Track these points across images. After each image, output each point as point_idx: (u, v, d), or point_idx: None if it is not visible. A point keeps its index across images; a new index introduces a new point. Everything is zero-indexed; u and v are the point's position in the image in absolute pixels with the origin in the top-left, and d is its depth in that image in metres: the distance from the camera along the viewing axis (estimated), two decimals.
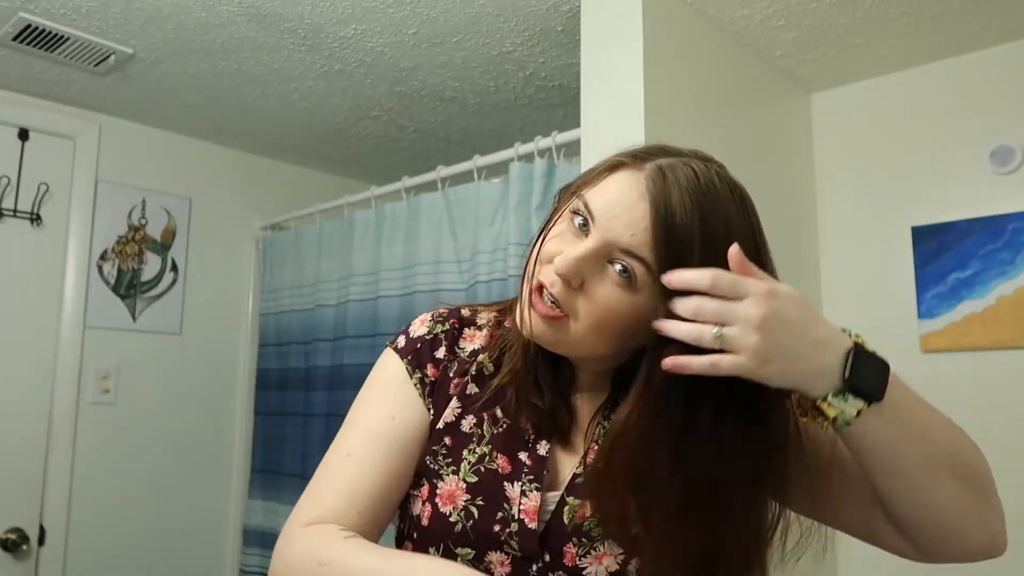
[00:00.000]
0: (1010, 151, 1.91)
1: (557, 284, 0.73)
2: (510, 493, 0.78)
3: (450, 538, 0.78)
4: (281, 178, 3.02)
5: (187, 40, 2.05)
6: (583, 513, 0.76)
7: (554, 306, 0.73)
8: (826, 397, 0.66)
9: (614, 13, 1.73)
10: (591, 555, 0.75)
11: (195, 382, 2.72)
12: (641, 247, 0.69)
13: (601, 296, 0.71)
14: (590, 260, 0.71)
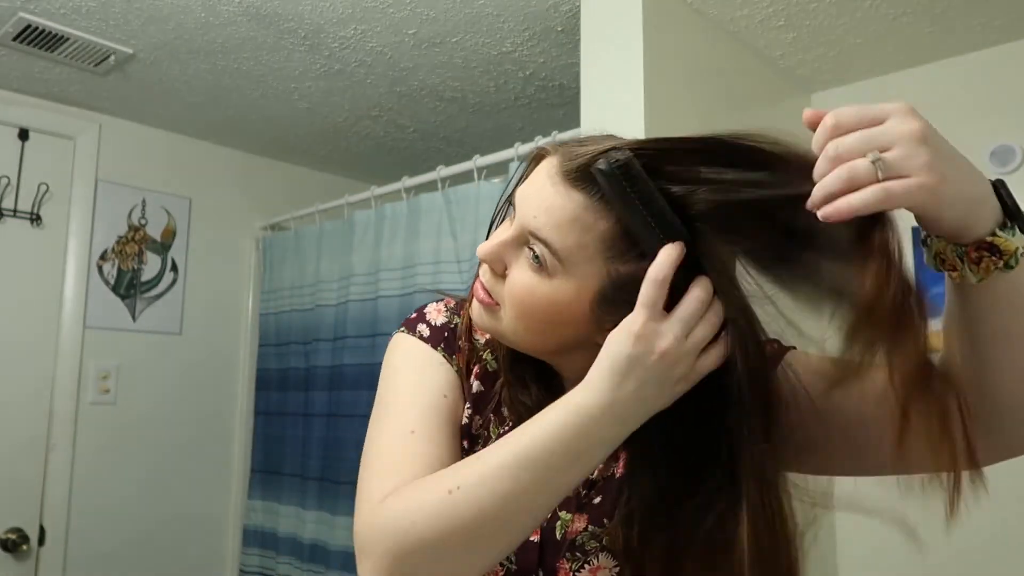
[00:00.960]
0: (1010, 151, 1.91)
1: (486, 271, 0.72)
2: None
3: None
4: (281, 178, 3.02)
5: (187, 40, 2.05)
6: (576, 528, 0.75)
7: (487, 294, 0.72)
8: (994, 231, 0.57)
9: (614, 13, 1.73)
10: (585, 569, 0.74)
11: (195, 382, 2.72)
12: (543, 228, 0.66)
13: (516, 280, 0.69)
14: (508, 245, 0.70)
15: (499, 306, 0.72)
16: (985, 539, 1.86)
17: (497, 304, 0.72)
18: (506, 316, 0.71)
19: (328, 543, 2.37)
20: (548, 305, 0.68)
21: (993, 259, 0.58)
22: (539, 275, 0.68)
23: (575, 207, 0.65)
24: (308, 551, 2.44)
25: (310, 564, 2.42)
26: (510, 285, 0.70)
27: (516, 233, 0.69)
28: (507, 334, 0.73)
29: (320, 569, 2.38)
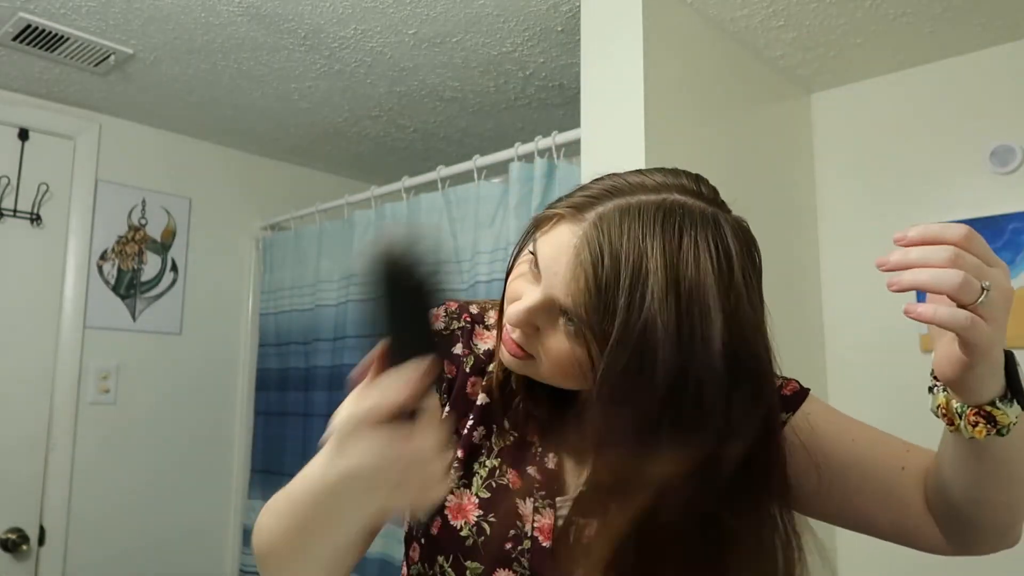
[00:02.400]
0: (1010, 151, 1.91)
1: (516, 331, 0.72)
2: (522, 510, 0.77)
3: (460, 551, 0.77)
4: (281, 178, 3.02)
5: (187, 40, 2.05)
6: (591, 535, 0.74)
7: (519, 348, 0.73)
8: (994, 402, 0.63)
9: (614, 13, 1.73)
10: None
11: (195, 382, 2.72)
12: (577, 308, 0.66)
13: (554, 346, 0.70)
14: (537, 312, 0.70)
15: (532, 358, 0.72)
16: None
17: (531, 357, 0.72)
18: (543, 368, 0.72)
19: None
20: (587, 360, 0.67)
21: (988, 426, 0.64)
22: (576, 340, 0.68)
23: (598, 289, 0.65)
24: None
25: None
26: (547, 349, 0.71)
27: (544, 300, 0.69)
28: (545, 379, 0.74)
29: None
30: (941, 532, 0.76)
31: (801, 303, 2.12)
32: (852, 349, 2.11)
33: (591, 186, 0.73)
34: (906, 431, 0.81)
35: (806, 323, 2.13)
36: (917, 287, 0.60)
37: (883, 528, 0.79)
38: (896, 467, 0.79)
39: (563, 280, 0.67)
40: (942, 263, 0.58)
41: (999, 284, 0.59)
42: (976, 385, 0.63)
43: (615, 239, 0.65)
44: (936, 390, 0.68)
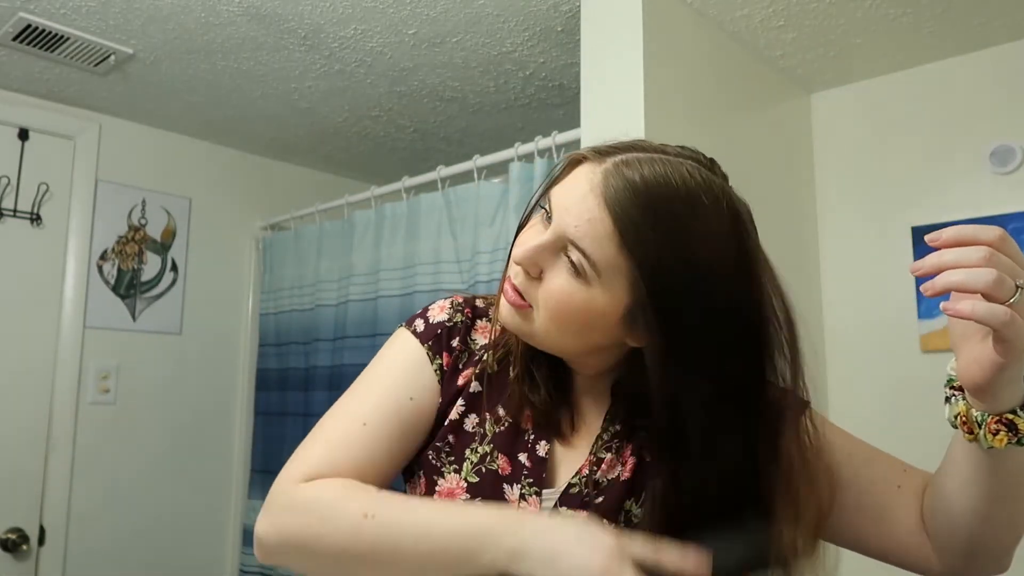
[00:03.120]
0: (1010, 151, 1.91)
1: (519, 274, 0.74)
2: (509, 496, 0.78)
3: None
4: (281, 178, 3.02)
5: (187, 40, 2.05)
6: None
7: (519, 296, 0.74)
8: (1015, 410, 0.64)
9: (614, 13, 1.73)
10: None
11: (195, 382, 2.72)
12: (583, 239, 0.68)
13: (554, 286, 0.71)
14: (545, 250, 0.71)
15: (531, 308, 0.73)
16: None
17: (530, 306, 0.73)
18: (539, 318, 0.73)
19: None
20: (584, 311, 0.71)
21: (1010, 434, 0.64)
22: (577, 281, 0.70)
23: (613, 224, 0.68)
24: None
25: None
26: (547, 290, 0.72)
27: (554, 239, 0.71)
28: (538, 335, 0.74)
29: None
30: (935, 553, 0.76)
31: (801, 303, 2.12)
32: (852, 349, 2.11)
33: (612, 141, 0.76)
34: (906, 430, 0.81)
35: (805, 322, 2.12)
36: (952, 287, 0.59)
37: (874, 546, 0.79)
38: (892, 486, 0.80)
39: (576, 214, 0.69)
40: (976, 263, 0.58)
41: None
42: (1002, 390, 0.63)
43: (636, 179, 0.68)
44: (954, 399, 0.68)
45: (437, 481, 0.80)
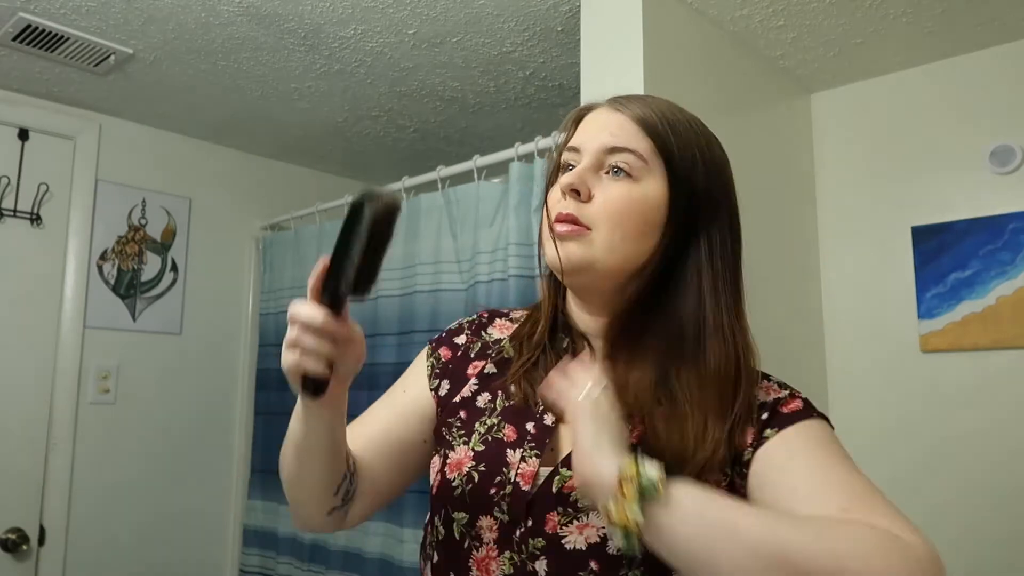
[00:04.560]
0: (1010, 151, 1.92)
1: (569, 203, 0.80)
2: (511, 459, 0.81)
3: (450, 502, 0.83)
4: (281, 178, 3.02)
5: (187, 40, 2.05)
6: (572, 484, 0.77)
7: (575, 221, 0.79)
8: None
9: (614, 13, 1.73)
10: (573, 524, 0.76)
11: (195, 382, 2.72)
12: (621, 139, 0.80)
13: (611, 196, 0.79)
14: (590, 170, 0.80)
15: (590, 230, 0.79)
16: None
17: (588, 228, 0.79)
18: (600, 235, 0.79)
19: (328, 543, 2.37)
20: (641, 208, 0.80)
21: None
22: (628, 182, 0.80)
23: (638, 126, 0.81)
24: (308, 551, 2.44)
25: (310, 564, 2.42)
26: (606, 199, 0.79)
27: (593, 157, 0.81)
28: (599, 255, 0.79)
29: (320, 569, 2.38)
30: None
31: (801, 302, 2.12)
32: (852, 348, 2.11)
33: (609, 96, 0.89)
34: (906, 430, 0.80)
35: (805, 322, 2.13)
36: None
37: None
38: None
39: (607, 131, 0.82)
40: None
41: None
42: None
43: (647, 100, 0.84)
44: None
45: (448, 455, 0.85)
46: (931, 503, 1.93)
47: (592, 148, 0.81)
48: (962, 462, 1.91)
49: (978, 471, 1.88)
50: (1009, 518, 1.84)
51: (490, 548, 0.79)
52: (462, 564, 0.80)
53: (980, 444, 1.89)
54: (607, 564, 0.73)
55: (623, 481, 0.62)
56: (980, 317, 1.91)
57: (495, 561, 0.78)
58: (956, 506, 1.90)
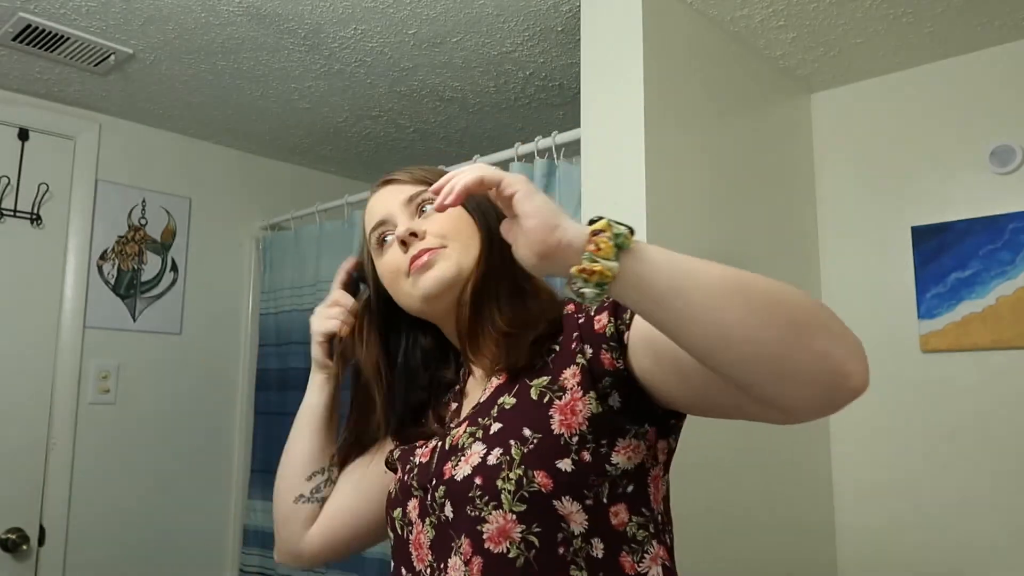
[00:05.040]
0: (1010, 151, 1.92)
1: (413, 243, 0.92)
2: (417, 451, 0.94)
3: (389, 506, 0.94)
4: (281, 178, 3.02)
5: (187, 40, 2.05)
6: (458, 435, 0.88)
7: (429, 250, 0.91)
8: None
9: (614, 13, 1.73)
10: (461, 462, 0.84)
11: (195, 382, 2.72)
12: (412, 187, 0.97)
13: (439, 219, 0.93)
14: (408, 219, 0.95)
15: (443, 247, 0.92)
16: (981, 479, 1.86)
17: (443, 246, 0.92)
18: (455, 243, 0.92)
19: None
20: (460, 216, 0.94)
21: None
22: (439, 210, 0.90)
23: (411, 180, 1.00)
24: None
25: None
26: (439, 222, 0.92)
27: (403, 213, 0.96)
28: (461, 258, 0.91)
29: (320, 569, 2.38)
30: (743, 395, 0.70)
31: None
32: None
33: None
34: (906, 430, 0.80)
35: None
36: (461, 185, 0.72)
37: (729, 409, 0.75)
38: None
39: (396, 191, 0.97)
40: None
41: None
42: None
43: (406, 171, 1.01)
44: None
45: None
46: (931, 503, 1.93)
47: (396, 208, 0.96)
48: (962, 462, 1.91)
49: (978, 471, 1.88)
50: (1009, 518, 1.84)
51: (416, 525, 0.88)
52: (405, 554, 0.89)
53: (980, 444, 1.89)
54: (488, 474, 0.80)
55: (597, 236, 0.65)
56: (980, 317, 1.90)
57: (422, 534, 0.87)
58: (956, 506, 1.90)
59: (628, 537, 0.81)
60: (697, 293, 0.64)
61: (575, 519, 0.79)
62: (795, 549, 1.94)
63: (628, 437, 0.82)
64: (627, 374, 0.80)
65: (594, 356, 0.82)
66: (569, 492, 0.79)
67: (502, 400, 0.87)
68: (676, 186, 1.70)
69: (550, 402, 0.82)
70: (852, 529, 2.05)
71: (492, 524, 0.78)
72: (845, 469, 2.07)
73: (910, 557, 1.95)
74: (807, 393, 0.65)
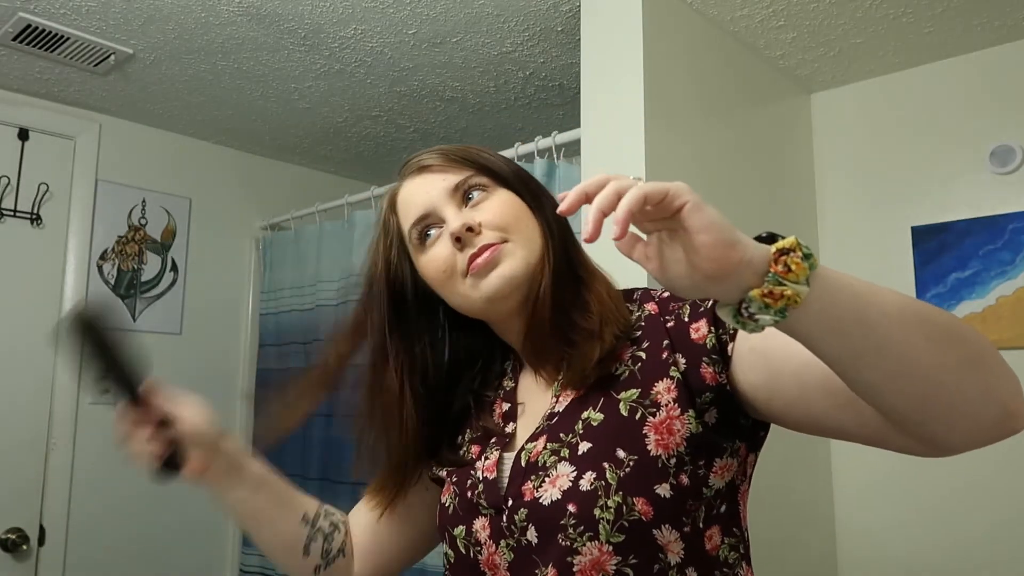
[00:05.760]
0: (1010, 151, 1.92)
1: (471, 238, 0.82)
2: (478, 464, 0.86)
3: (447, 522, 0.86)
4: (281, 178, 3.02)
5: (187, 40, 2.05)
6: (537, 451, 0.80)
7: (489, 246, 0.82)
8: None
9: (614, 13, 1.73)
10: (545, 483, 0.77)
11: (195, 382, 2.68)
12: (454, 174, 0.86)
13: (493, 207, 0.84)
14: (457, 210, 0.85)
15: (503, 242, 0.82)
16: (981, 475, 1.86)
17: (502, 241, 0.82)
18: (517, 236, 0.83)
19: None
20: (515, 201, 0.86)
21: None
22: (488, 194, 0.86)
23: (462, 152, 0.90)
24: None
25: None
26: (493, 212, 0.83)
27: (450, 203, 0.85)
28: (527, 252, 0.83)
29: None
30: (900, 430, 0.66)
31: None
32: None
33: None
34: None
35: None
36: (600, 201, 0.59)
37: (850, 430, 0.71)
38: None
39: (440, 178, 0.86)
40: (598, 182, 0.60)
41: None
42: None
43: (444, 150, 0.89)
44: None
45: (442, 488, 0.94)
46: (930, 504, 1.93)
47: (439, 199, 0.85)
48: (962, 463, 1.91)
49: (978, 472, 1.88)
50: (1010, 519, 1.84)
51: (488, 546, 0.81)
52: (475, 574, 0.82)
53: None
54: (582, 501, 0.74)
55: (786, 255, 0.56)
56: (980, 317, 1.91)
57: (496, 555, 0.80)
58: (956, 506, 1.90)
59: (720, 562, 0.77)
60: (882, 324, 0.57)
61: (672, 548, 0.73)
62: (795, 549, 1.94)
63: (724, 456, 0.77)
64: (728, 388, 0.75)
65: (692, 369, 0.76)
66: (669, 520, 0.73)
67: (587, 415, 0.79)
68: None
69: (643, 419, 0.76)
70: (852, 528, 2.05)
71: (585, 556, 0.73)
72: (845, 469, 2.07)
73: (910, 556, 1.95)
74: (972, 432, 0.61)
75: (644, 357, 0.79)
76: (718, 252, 0.55)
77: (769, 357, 0.71)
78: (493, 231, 0.82)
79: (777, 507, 1.89)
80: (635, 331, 0.82)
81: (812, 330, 0.58)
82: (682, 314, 0.79)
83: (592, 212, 0.56)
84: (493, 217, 0.83)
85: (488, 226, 0.83)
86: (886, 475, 2.00)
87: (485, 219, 0.83)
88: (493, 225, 0.83)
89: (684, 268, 0.57)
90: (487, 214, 0.83)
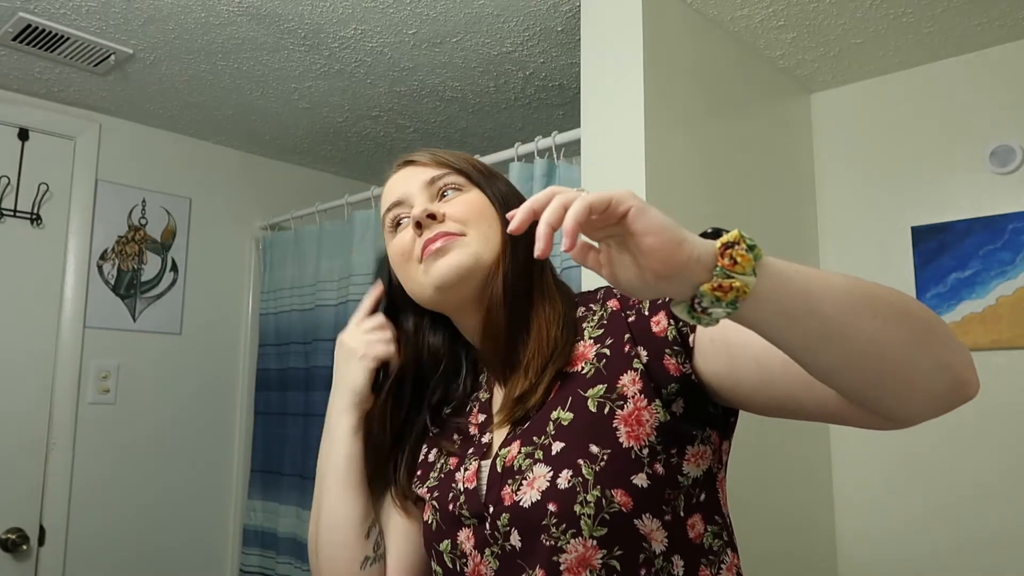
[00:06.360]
0: (1010, 151, 1.92)
1: (430, 225, 0.86)
2: (457, 476, 0.87)
3: (432, 539, 0.87)
4: (281, 178, 3.02)
5: (187, 40, 2.05)
6: (512, 455, 0.81)
7: (445, 237, 0.86)
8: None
9: (614, 13, 1.73)
10: (523, 486, 0.78)
11: (195, 382, 2.72)
12: (436, 169, 0.91)
13: (461, 203, 0.88)
14: (427, 201, 0.89)
15: (460, 234, 0.86)
16: (982, 473, 1.86)
17: (461, 233, 0.86)
18: (474, 231, 0.87)
19: None
20: (482, 203, 0.90)
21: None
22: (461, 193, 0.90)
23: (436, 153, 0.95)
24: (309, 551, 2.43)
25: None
26: (459, 206, 0.88)
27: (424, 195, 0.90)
28: (480, 247, 0.86)
29: None
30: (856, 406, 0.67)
31: None
32: None
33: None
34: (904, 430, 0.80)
35: None
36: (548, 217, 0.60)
37: (811, 411, 0.72)
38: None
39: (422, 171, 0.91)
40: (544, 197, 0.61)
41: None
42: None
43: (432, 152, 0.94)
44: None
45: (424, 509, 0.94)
46: (929, 504, 1.93)
47: (414, 189, 0.90)
48: (961, 463, 1.91)
49: (979, 472, 1.88)
50: (1010, 519, 1.84)
51: (473, 556, 0.82)
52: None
53: (981, 445, 1.89)
54: (562, 499, 0.75)
55: (731, 248, 0.58)
56: (980, 317, 1.91)
57: (482, 564, 0.81)
58: (955, 506, 1.90)
59: (705, 549, 0.78)
60: (831, 309, 0.60)
61: (656, 537, 0.75)
62: (795, 552, 1.94)
63: (696, 443, 0.79)
64: (693, 378, 0.77)
65: (654, 361, 0.78)
66: (649, 509, 0.75)
67: (556, 415, 0.80)
68: (676, 186, 1.70)
69: (611, 413, 0.77)
70: (852, 532, 2.05)
71: (571, 553, 0.74)
72: (845, 471, 2.07)
73: (910, 559, 1.95)
74: (927, 403, 0.63)
75: (608, 353, 0.81)
76: (665, 252, 0.57)
77: (729, 345, 0.73)
78: (454, 223, 0.87)
79: (777, 515, 1.89)
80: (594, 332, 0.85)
81: (764, 319, 0.60)
82: (643, 308, 0.81)
83: (541, 227, 0.58)
84: (456, 211, 0.88)
85: (450, 217, 0.87)
86: (886, 482, 2.00)
87: (449, 211, 0.88)
88: (455, 217, 0.87)
89: (635, 271, 0.59)
90: (452, 207, 0.88)
